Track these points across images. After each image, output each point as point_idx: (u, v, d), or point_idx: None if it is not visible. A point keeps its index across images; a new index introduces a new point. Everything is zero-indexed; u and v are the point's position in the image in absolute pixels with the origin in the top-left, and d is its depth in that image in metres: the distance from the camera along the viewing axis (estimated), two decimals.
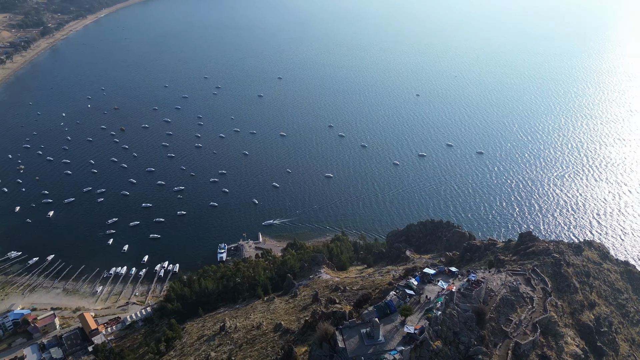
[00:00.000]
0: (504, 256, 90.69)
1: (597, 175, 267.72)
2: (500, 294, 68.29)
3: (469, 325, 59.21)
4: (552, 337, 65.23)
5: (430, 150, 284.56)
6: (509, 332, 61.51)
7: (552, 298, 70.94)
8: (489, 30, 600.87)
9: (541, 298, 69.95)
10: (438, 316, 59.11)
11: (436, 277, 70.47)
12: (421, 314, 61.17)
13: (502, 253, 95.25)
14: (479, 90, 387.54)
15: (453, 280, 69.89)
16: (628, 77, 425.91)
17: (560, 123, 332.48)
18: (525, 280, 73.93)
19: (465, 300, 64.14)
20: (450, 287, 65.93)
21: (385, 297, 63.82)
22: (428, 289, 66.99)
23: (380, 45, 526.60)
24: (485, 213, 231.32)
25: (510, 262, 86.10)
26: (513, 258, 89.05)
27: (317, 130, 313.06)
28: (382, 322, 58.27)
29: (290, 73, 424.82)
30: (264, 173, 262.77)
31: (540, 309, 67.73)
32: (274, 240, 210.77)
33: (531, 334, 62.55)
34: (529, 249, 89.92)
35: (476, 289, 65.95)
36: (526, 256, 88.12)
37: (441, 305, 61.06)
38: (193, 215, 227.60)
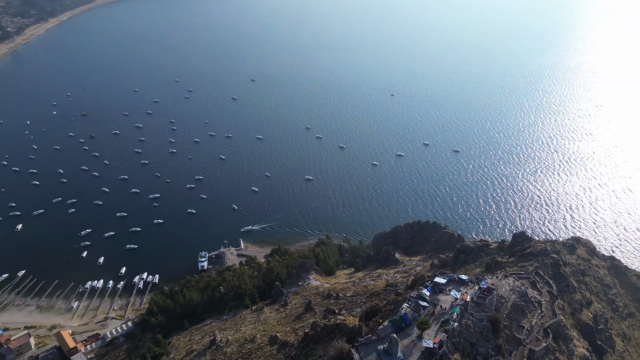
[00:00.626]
0: (501, 258, 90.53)
1: (568, 169, 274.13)
2: (510, 300, 67.72)
3: (485, 335, 58.23)
4: (563, 341, 65.14)
5: (407, 149, 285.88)
6: (522, 339, 60.97)
7: (559, 301, 70.98)
8: (456, 29, 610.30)
9: (548, 301, 69.85)
10: (455, 327, 57.87)
11: (447, 286, 69.35)
12: (437, 326, 59.80)
13: (498, 254, 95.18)
14: (451, 89, 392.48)
15: (464, 288, 68.92)
16: (592, 74, 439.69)
17: (531, 119, 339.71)
18: (531, 284, 73.72)
19: (479, 309, 63.15)
20: (464, 296, 64.82)
21: (399, 310, 62.06)
22: (441, 300, 65.72)
23: (354, 46, 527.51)
24: (463, 211, 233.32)
25: (508, 265, 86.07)
26: (510, 260, 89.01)
27: (294, 132, 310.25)
28: (399, 336, 56.46)
29: (264, 75, 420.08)
30: (242, 177, 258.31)
31: (549, 313, 67.53)
32: (256, 246, 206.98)
33: (543, 339, 62.13)
34: (525, 250, 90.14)
35: (489, 297, 65.15)
36: (524, 257, 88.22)
37: (457, 316, 59.91)
38: (171, 223, 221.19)
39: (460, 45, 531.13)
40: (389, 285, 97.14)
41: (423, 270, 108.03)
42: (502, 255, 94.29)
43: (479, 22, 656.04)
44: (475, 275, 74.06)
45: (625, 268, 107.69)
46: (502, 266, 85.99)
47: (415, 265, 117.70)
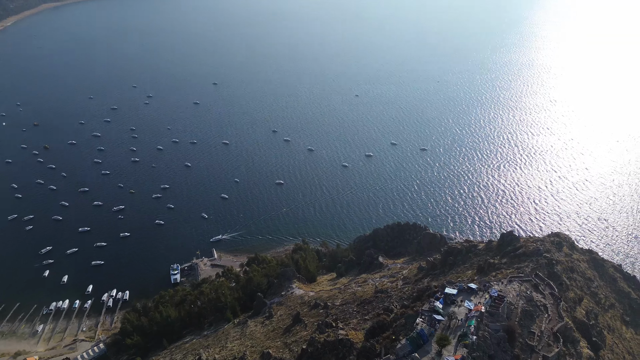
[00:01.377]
0: (493, 259, 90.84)
1: (529, 163, 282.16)
2: (519, 306, 67.48)
3: (503, 346, 57.38)
4: (571, 344, 65.52)
5: (376, 149, 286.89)
6: (535, 346, 60.69)
7: (563, 303, 71.46)
8: (408, 29, 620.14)
9: (553, 304, 70.23)
10: (474, 341, 56.73)
11: (457, 297, 68.19)
12: (454, 340, 58.46)
13: (486, 255, 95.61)
14: (413, 88, 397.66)
15: (475, 298, 68.02)
16: (545, 69, 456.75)
17: (491, 116, 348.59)
18: (533, 287, 73.91)
19: (493, 319, 62.39)
20: (479, 307, 63.76)
21: (414, 326, 60.27)
22: (455, 312, 64.52)
23: (315, 47, 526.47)
24: (432, 209, 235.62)
25: (502, 266, 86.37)
26: (503, 261, 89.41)
27: (261, 135, 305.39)
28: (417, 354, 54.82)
29: (225, 78, 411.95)
30: (211, 184, 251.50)
31: (555, 316, 67.76)
32: (230, 255, 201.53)
33: (554, 344, 62.17)
34: (518, 251, 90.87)
35: (501, 306, 64.54)
36: (517, 258, 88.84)
37: (474, 328, 58.75)
38: (138, 236, 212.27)
39: (416, 44, 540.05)
40: (379, 292, 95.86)
41: (410, 273, 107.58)
42: (492, 256, 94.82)
43: (430, 21, 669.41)
44: (481, 282, 73.45)
45: (603, 260, 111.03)
46: (495, 268, 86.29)
47: (401, 268, 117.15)
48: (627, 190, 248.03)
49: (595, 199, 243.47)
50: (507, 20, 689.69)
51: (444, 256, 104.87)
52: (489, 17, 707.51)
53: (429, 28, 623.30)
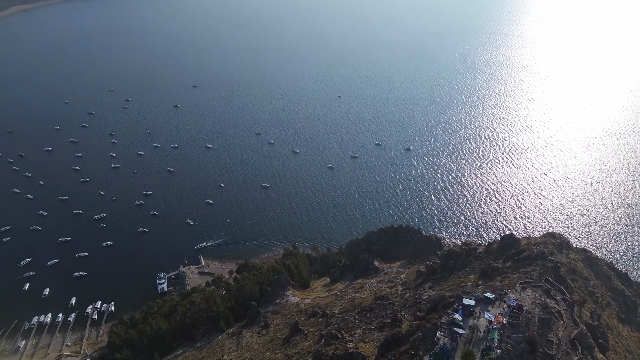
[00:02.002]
0: (497, 263, 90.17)
1: (511, 162, 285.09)
2: (536, 315, 66.76)
3: (526, 358, 56.46)
4: (587, 351, 65.19)
5: (361, 151, 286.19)
6: (554, 356, 59.98)
7: (577, 309, 71.13)
8: (386, 29, 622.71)
9: (566, 310, 69.78)
10: (498, 355, 55.59)
11: (475, 307, 66.92)
12: (478, 354, 57.20)
13: (487, 258, 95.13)
14: (394, 89, 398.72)
15: (492, 307, 66.89)
16: (523, 68, 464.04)
17: (472, 115, 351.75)
18: (544, 292, 73.42)
19: (514, 330, 61.37)
20: (500, 319, 62.57)
21: (436, 341, 58.73)
22: (476, 324, 63.24)
23: (295, 48, 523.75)
24: (419, 209, 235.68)
25: (506, 270, 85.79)
26: (507, 265, 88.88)
27: (245, 138, 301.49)
28: None
29: (205, 81, 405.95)
30: (195, 190, 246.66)
31: (570, 322, 67.34)
32: (218, 262, 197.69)
33: (573, 352, 61.63)
34: (521, 254, 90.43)
35: (521, 316, 63.60)
36: (521, 262, 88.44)
37: (498, 341, 57.62)
38: (121, 244, 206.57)
39: (395, 44, 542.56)
40: (379, 298, 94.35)
41: (408, 278, 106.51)
42: (494, 259, 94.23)
43: (410, 21, 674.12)
44: (496, 290, 72.46)
45: (597, 258, 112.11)
46: (500, 272, 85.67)
47: (397, 272, 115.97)
48: (607, 186, 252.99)
49: (577, 195, 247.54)
50: (482, 19, 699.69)
51: (444, 260, 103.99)
52: (465, 16, 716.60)
53: (407, 28, 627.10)
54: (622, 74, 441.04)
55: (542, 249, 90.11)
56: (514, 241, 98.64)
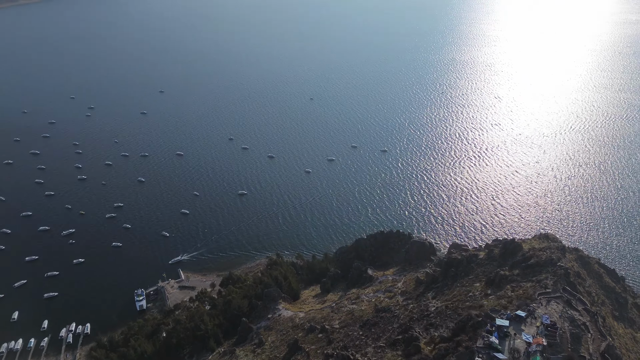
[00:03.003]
0: (505, 271, 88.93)
1: (484, 159, 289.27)
2: (567, 330, 65.45)
3: None
4: None
5: (337, 153, 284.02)
6: None
7: (600, 319, 70.31)
8: (353, 30, 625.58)
9: (590, 321, 68.96)
10: None
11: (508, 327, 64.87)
12: None
13: (490, 265, 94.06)
14: (364, 90, 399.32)
15: (525, 326, 65.05)
16: (487, 67, 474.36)
17: (443, 114, 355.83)
18: (566, 303, 72.41)
19: (553, 350, 59.74)
20: (539, 340, 60.81)
21: None
22: (514, 346, 61.07)
23: (264, 49, 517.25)
24: (399, 211, 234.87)
25: (515, 278, 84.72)
26: (515, 272, 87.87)
27: (217, 144, 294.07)
28: None
29: (172, 85, 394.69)
30: (169, 200, 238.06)
31: (597, 335, 66.48)
32: (199, 275, 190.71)
33: None
34: (529, 261, 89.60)
35: (557, 334, 61.96)
36: (529, 269, 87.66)
37: None
38: (94, 261, 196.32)
39: (362, 46, 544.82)
40: (381, 311, 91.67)
41: (407, 287, 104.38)
42: (497, 266, 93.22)
43: (369, 22, 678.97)
44: (520, 305, 70.82)
45: (588, 257, 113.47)
46: (508, 280, 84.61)
47: (393, 281, 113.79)
48: (577, 181, 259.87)
49: (549, 191, 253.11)
50: (444, 19, 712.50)
51: (445, 267, 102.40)
52: (427, 16, 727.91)
53: (373, 29, 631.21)
54: (583, 70, 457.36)
55: (550, 255, 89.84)
56: (516, 246, 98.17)
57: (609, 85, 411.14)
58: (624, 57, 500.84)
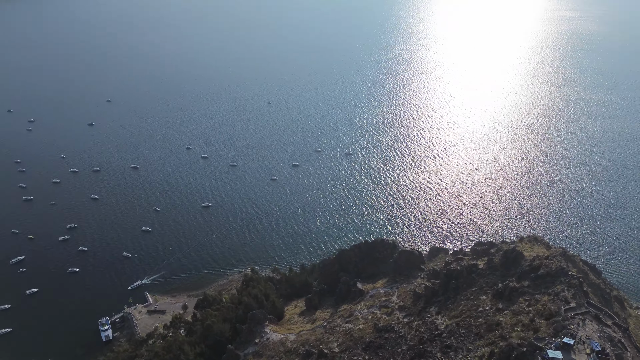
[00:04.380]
0: (513, 283, 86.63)
1: (445, 158, 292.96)
2: (610, 351, 63.34)
3: None
4: None
5: (302, 158, 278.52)
6: None
7: (629, 331, 68.92)
8: (302, 31, 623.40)
9: (623, 337, 67.34)
10: None
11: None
12: None
13: (494, 275, 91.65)
14: (321, 93, 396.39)
15: (575, 355, 61.93)
16: (438, 65, 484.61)
17: (400, 114, 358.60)
18: (595, 319, 70.56)
19: None
20: None
21: None
22: None
23: (215, 53, 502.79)
24: (368, 215, 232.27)
25: (527, 291, 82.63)
26: (526, 284, 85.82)
27: (175, 155, 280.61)
28: None
29: (121, 94, 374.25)
30: (127, 217, 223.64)
31: (635, 352, 64.83)
32: (168, 297, 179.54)
33: None
34: (538, 271, 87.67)
35: None
36: (540, 279, 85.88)
37: None
38: (49, 290, 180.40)
39: (313, 47, 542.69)
40: (383, 330, 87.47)
41: (404, 301, 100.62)
42: (501, 276, 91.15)
43: (322, 23, 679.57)
44: (556, 327, 67.94)
45: (573, 255, 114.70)
46: (519, 293, 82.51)
47: (387, 294, 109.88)
48: (536, 175, 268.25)
49: (511, 186, 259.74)
50: (391, 19, 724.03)
51: (444, 280, 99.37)
52: (373, 17, 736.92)
53: (321, 30, 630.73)
54: (528, 66, 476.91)
55: (561, 264, 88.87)
56: (517, 255, 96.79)
57: (552, 81, 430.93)
58: (563, 53, 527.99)
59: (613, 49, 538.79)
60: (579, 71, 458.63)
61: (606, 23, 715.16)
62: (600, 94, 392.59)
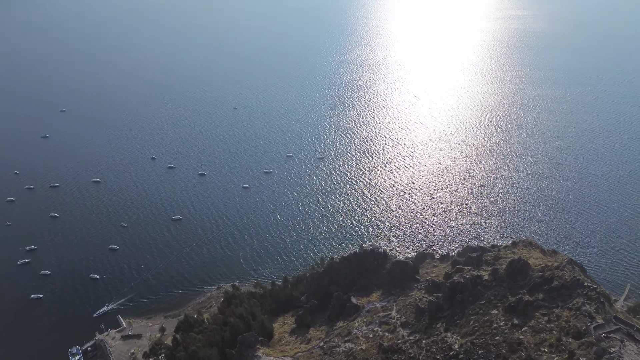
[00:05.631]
0: (528, 296, 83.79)
1: (416, 159, 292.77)
2: None
3: None
4: None
5: (273, 164, 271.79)
6: None
7: None
8: (257, 35, 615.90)
9: None
10: None
11: None
12: None
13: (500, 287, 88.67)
14: (286, 97, 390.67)
15: None
16: (400, 66, 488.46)
17: (367, 116, 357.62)
18: (628, 337, 68.33)
19: None
20: None
21: None
22: None
23: (174, 56, 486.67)
24: (343, 221, 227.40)
25: (543, 305, 80.00)
26: (540, 297, 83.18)
27: (139, 166, 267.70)
28: None
29: (75, 103, 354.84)
30: (93, 235, 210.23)
31: None
32: (143, 320, 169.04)
33: None
34: (551, 283, 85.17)
35: None
36: (555, 292, 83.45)
37: None
38: (10, 319, 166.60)
39: (274, 50, 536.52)
40: (390, 351, 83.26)
41: (406, 317, 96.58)
42: (508, 288, 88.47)
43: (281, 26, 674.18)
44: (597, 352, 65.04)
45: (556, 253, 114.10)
46: (534, 307, 79.99)
47: (384, 309, 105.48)
48: (505, 173, 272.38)
49: (482, 184, 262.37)
50: (348, 20, 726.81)
51: (448, 293, 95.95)
52: (331, 17, 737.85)
53: (280, 33, 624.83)
54: (487, 64, 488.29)
55: (575, 275, 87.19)
56: (523, 265, 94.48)
57: (511, 78, 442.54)
58: (519, 51, 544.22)
59: (563, 46, 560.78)
60: (535, 68, 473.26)
61: (555, 21, 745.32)
62: (557, 90, 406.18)
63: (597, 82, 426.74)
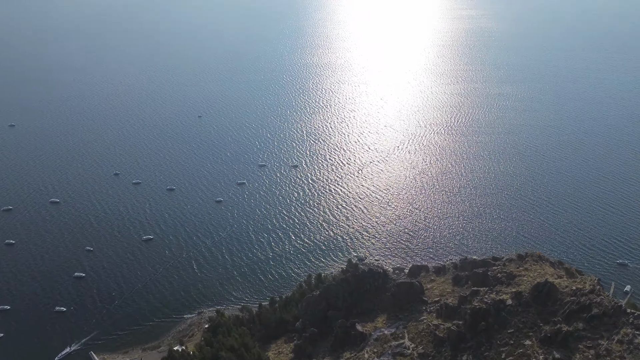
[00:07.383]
0: (567, 327, 78.42)
1: (387, 163, 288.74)
2: None
3: None
4: None
5: (246, 175, 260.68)
6: None
7: None
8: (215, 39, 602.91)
9: None
10: None
11: None
12: None
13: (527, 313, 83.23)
14: (253, 102, 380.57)
15: None
16: (364, 69, 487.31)
17: (336, 121, 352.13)
18: None
19: None
20: None
21: None
22: None
23: (131, 63, 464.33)
24: (322, 232, 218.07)
25: (584, 335, 74.82)
26: (580, 326, 78.14)
27: (102, 182, 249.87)
28: None
29: (25, 116, 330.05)
30: (54, 263, 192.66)
31: None
32: (119, 354, 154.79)
33: None
34: (590, 311, 79.96)
35: None
36: (598, 321, 77.99)
37: None
38: None
39: (234, 54, 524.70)
40: None
41: (424, 348, 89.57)
42: (538, 314, 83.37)
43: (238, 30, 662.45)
44: None
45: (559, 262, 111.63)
46: (575, 338, 74.88)
47: (395, 337, 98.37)
48: (479, 174, 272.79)
49: (459, 187, 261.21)
50: (304, 22, 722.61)
51: (471, 320, 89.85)
52: (286, 20, 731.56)
53: (240, 37, 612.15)
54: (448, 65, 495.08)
55: (616, 302, 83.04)
56: (551, 288, 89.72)
57: (473, 78, 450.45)
58: (477, 50, 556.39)
59: (517, 45, 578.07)
60: (494, 67, 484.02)
61: (505, 20, 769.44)
62: (517, 88, 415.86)
63: (553, 78, 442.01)
